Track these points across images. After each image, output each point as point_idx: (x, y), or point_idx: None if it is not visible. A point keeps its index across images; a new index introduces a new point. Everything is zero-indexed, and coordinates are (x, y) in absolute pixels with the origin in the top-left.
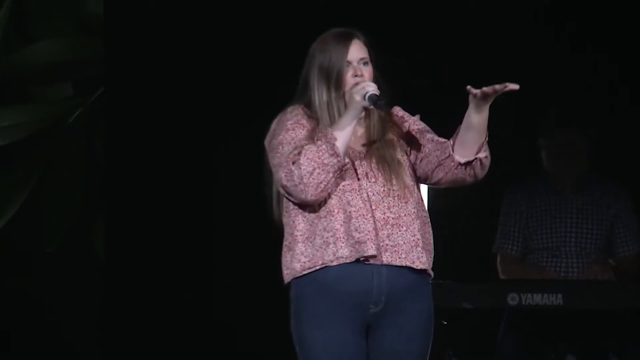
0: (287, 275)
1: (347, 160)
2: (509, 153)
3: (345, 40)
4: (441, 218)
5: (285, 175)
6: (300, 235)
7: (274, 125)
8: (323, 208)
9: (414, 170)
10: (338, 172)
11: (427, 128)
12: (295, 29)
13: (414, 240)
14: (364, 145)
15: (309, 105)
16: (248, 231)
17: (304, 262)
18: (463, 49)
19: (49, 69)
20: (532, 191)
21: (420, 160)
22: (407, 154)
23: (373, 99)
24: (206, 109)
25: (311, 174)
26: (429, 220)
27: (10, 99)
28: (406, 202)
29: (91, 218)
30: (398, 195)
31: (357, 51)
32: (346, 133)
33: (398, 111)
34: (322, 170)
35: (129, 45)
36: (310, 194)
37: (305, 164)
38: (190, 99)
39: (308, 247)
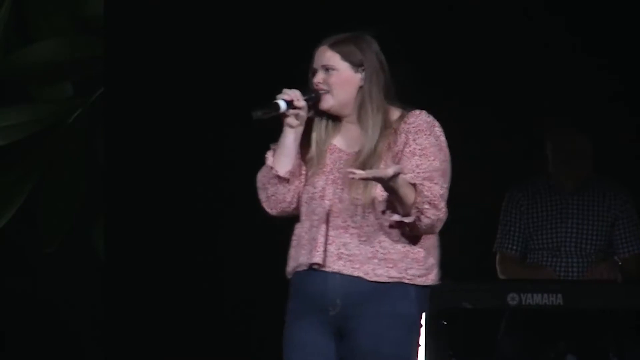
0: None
1: (288, 168)
2: (509, 153)
3: (316, 48)
4: None
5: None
6: (293, 239)
7: None
8: (301, 216)
9: None
10: (285, 182)
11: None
12: (295, 29)
13: (372, 252)
14: (356, 150)
15: None
16: (248, 231)
17: (288, 266)
18: (463, 50)
19: (49, 69)
20: (533, 191)
21: None
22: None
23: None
24: (206, 108)
25: (262, 189)
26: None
27: (10, 99)
28: (372, 214)
29: (91, 218)
30: (364, 205)
31: (319, 58)
32: (280, 144)
33: (410, 117)
34: (268, 183)
35: (129, 45)
36: (267, 209)
37: (257, 181)
38: (190, 99)
39: (292, 252)
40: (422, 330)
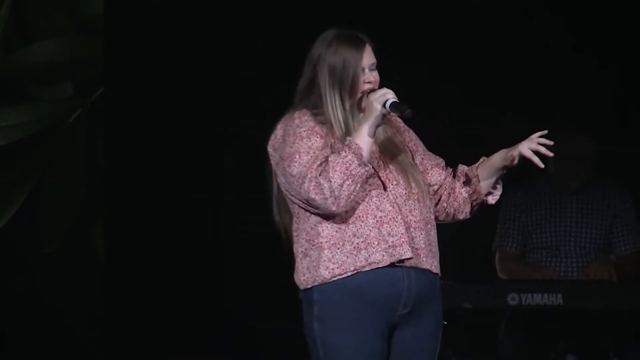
0: (307, 280)
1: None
2: None
3: (358, 45)
4: None
5: (313, 188)
6: (326, 241)
7: (280, 131)
8: (350, 214)
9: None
10: (365, 181)
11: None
12: (295, 28)
13: (428, 244)
14: (377, 148)
15: (315, 108)
16: (248, 231)
17: (333, 269)
18: (463, 50)
19: (49, 69)
20: (533, 190)
21: (436, 190)
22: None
23: (396, 106)
24: (206, 108)
25: (341, 186)
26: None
27: (10, 99)
28: (424, 205)
29: (91, 218)
30: (418, 198)
31: (369, 57)
32: (369, 141)
33: (391, 116)
34: (352, 181)
35: (129, 45)
36: (341, 206)
37: (335, 176)
38: (190, 99)
39: (336, 254)
40: None
